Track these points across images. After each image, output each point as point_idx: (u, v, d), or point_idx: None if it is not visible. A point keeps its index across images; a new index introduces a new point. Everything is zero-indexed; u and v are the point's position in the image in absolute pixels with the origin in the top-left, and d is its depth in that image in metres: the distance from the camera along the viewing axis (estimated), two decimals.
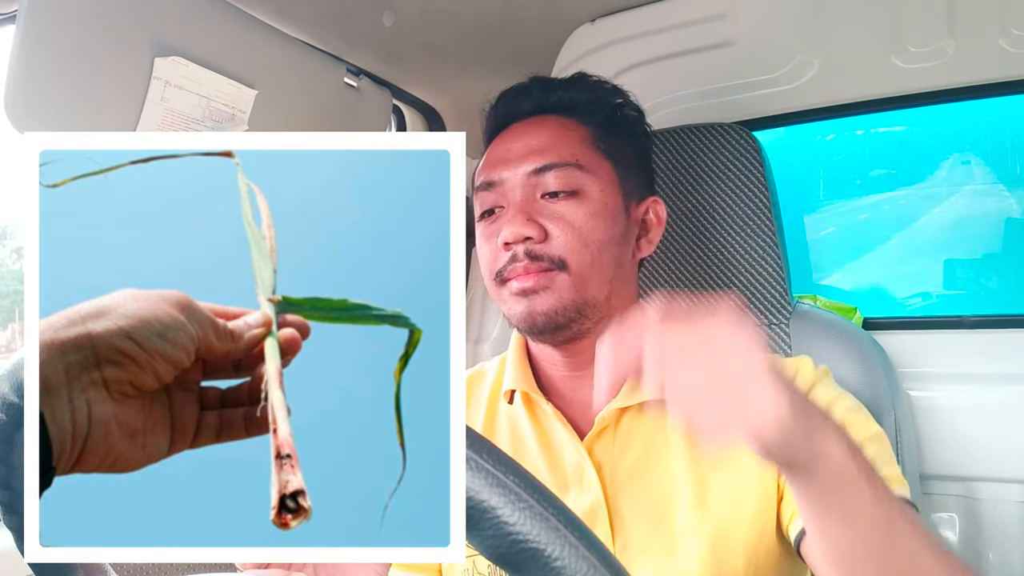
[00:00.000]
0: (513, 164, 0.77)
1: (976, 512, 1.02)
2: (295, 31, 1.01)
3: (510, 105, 0.83)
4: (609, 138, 0.80)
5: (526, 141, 0.78)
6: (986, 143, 1.30)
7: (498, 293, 0.78)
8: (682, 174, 1.02)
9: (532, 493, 0.32)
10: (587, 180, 0.76)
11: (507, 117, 0.83)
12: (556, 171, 0.76)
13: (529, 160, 0.77)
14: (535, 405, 0.81)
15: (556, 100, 0.81)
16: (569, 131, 0.79)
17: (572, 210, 0.75)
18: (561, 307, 0.74)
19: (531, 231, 0.73)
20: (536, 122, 0.80)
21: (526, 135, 0.79)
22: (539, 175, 0.76)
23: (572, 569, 0.31)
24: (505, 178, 0.77)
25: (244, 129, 0.92)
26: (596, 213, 0.76)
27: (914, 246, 1.37)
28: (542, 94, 0.82)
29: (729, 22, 1.12)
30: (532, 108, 0.82)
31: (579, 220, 0.75)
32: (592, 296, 0.75)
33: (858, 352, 0.93)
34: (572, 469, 0.77)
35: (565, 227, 0.74)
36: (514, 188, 0.77)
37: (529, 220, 0.74)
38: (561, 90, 0.82)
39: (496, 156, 0.80)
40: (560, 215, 0.75)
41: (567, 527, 0.31)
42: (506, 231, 0.74)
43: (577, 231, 0.74)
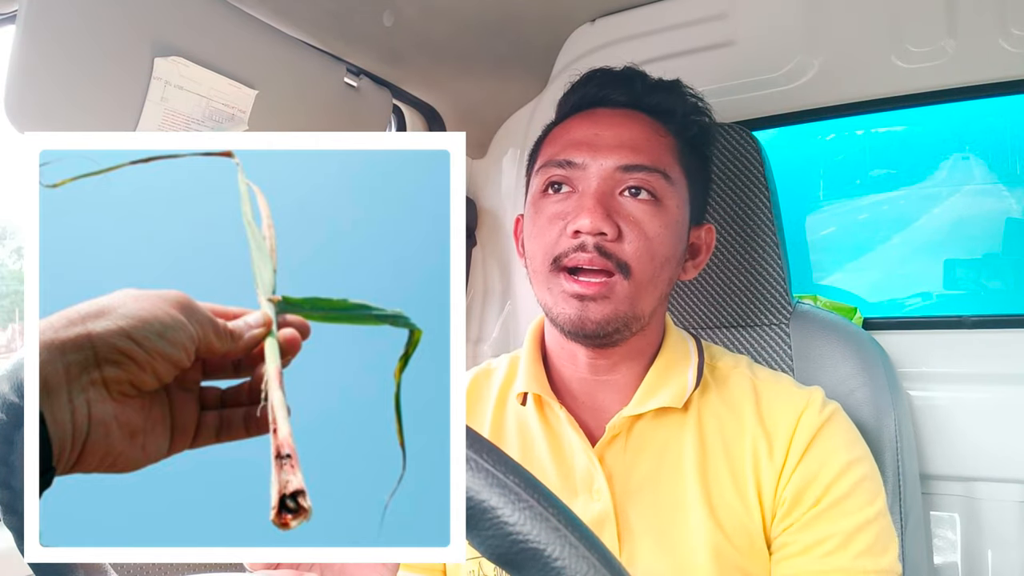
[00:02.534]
0: (602, 152, 0.74)
1: (976, 512, 1.02)
2: (295, 31, 1.01)
3: (603, 90, 0.80)
4: (692, 155, 0.79)
5: (618, 132, 0.75)
6: (986, 143, 1.30)
7: (548, 281, 0.74)
8: None
9: (532, 493, 0.32)
10: (669, 191, 0.75)
11: (597, 100, 0.80)
12: (645, 174, 0.73)
13: (619, 154, 0.74)
14: (547, 408, 0.80)
15: (655, 101, 0.79)
16: (660, 137, 0.77)
17: (649, 217, 0.73)
18: (615, 317, 0.72)
19: (608, 227, 0.71)
20: (630, 116, 0.77)
21: (619, 127, 0.76)
22: (626, 172, 0.74)
23: (572, 569, 0.31)
24: (587, 163, 0.74)
25: (244, 129, 0.92)
26: (669, 226, 0.74)
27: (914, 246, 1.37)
28: (643, 90, 0.79)
29: (729, 22, 1.12)
30: (628, 101, 0.79)
31: (653, 229, 0.73)
32: (643, 309, 0.74)
33: (858, 352, 0.93)
34: (582, 476, 0.76)
35: (639, 233, 0.72)
36: (595, 176, 0.74)
37: (608, 216, 0.71)
38: (662, 92, 0.80)
39: (581, 137, 0.76)
40: (637, 219, 0.73)
41: (567, 527, 0.31)
42: (584, 220, 0.71)
43: (649, 240, 0.73)
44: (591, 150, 0.74)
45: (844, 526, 0.70)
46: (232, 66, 0.88)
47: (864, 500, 0.71)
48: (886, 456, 0.89)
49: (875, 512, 0.71)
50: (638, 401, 0.76)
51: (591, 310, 0.71)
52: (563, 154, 0.75)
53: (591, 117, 0.78)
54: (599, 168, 0.74)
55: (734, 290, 1.00)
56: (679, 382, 0.77)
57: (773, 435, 0.74)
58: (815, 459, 0.72)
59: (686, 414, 0.76)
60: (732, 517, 0.72)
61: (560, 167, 0.75)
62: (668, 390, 0.76)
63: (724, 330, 1.01)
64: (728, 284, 1.00)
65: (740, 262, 0.99)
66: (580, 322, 0.72)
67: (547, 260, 0.74)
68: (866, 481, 0.72)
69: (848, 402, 0.89)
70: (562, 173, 0.75)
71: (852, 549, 0.69)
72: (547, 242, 0.74)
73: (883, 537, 0.71)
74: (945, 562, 1.04)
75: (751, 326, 0.99)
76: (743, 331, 1.00)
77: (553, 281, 0.73)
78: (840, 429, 0.75)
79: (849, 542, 0.69)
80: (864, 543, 0.69)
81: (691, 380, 0.77)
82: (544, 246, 0.74)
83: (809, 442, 0.73)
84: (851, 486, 0.71)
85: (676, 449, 0.75)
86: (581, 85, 0.82)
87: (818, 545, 0.70)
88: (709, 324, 1.02)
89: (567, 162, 0.75)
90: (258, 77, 0.92)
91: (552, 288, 0.74)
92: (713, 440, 0.75)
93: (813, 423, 0.74)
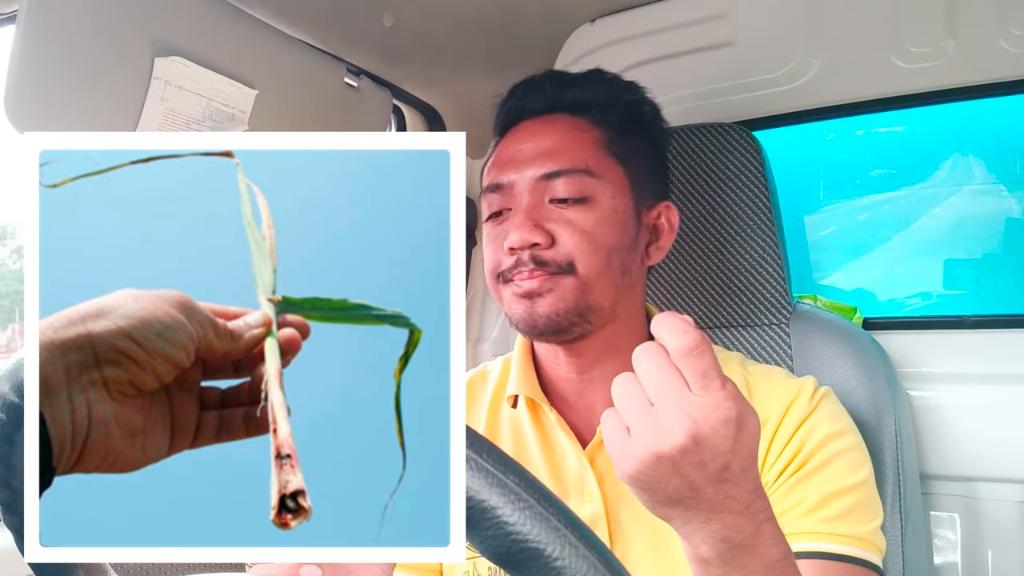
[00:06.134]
0: (522, 167, 0.75)
1: (976, 512, 1.02)
2: (295, 31, 1.01)
3: (522, 101, 0.81)
4: (623, 139, 0.78)
5: (537, 143, 0.76)
6: (986, 143, 1.30)
7: (499, 292, 0.77)
8: (682, 174, 1.02)
9: (532, 493, 0.32)
10: (597, 186, 0.75)
11: (519, 113, 0.81)
12: (565, 178, 0.74)
13: (538, 164, 0.75)
14: (539, 410, 0.80)
15: (570, 98, 0.79)
16: (581, 133, 0.77)
17: (581, 217, 0.73)
18: (564, 310, 0.72)
19: (538, 237, 0.72)
20: (548, 122, 0.78)
21: (537, 136, 0.77)
22: (548, 180, 0.74)
23: (572, 569, 0.31)
24: (513, 181, 0.76)
25: (244, 129, 0.92)
26: (605, 219, 0.74)
27: (914, 246, 1.37)
28: (555, 91, 0.79)
29: (729, 22, 1.12)
30: (545, 106, 0.79)
31: (588, 226, 0.73)
32: (596, 301, 0.74)
33: (858, 352, 0.93)
34: (573, 478, 0.77)
35: (573, 232, 0.73)
36: (522, 192, 0.75)
37: (536, 226, 0.73)
38: (576, 87, 0.79)
39: (505, 156, 0.78)
40: (568, 221, 0.73)
41: (567, 527, 0.31)
42: (513, 236, 0.72)
43: (586, 236, 0.73)
44: (515, 166, 0.76)
45: (819, 492, 0.69)
46: (232, 66, 0.88)
47: (844, 470, 0.71)
48: (886, 456, 0.89)
49: (855, 482, 0.71)
50: None
51: (538, 305, 0.73)
52: (493, 178, 0.78)
53: (516, 132, 0.80)
54: (525, 183, 0.75)
55: (734, 290, 1.00)
56: None
57: (763, 423, 0.73)
58: (799, 437, 0.73)
59: None
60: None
61: (493, 191, 0.78)
62: None
63: (724, 330, 1.01)
64: (728, 284, 1.00)
65: (740, 262, 0.99)
66: (530, 318, 0.73)
67: (492, 277, 0.77)
68: (848, 452, 0.72)
69: (848, 402, 0.89)
70: (496, 197, 0.77)
71: (826, 512, 0.68)
72: (492, 262, 0.77)
73: (865, 507, 0.70)
74: (945, 562, 1.04)
75: (751, 326, 0.99)
76: (743, 331, 1.00)
77: (502, 290, 0.76)
78: (827, 408, 0.75)
79: (824, 505, 0.69)
80: (839, 508, 0.69)
81: None
82: (490, 266, 0.77)
83: (798, 425, 0.73)
84: (830, 455, 0.71)
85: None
86: (503, 102, 0.83)
87: (793, 508, 0.69)
88: (709, 324, 1.02)
89: (496, 186, 0.77)
90: (258, 77, 0.92)
91: (504, 297, 0.76)
92: None
93: (803, 409, 0.74)
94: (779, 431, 0.73)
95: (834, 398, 0.77)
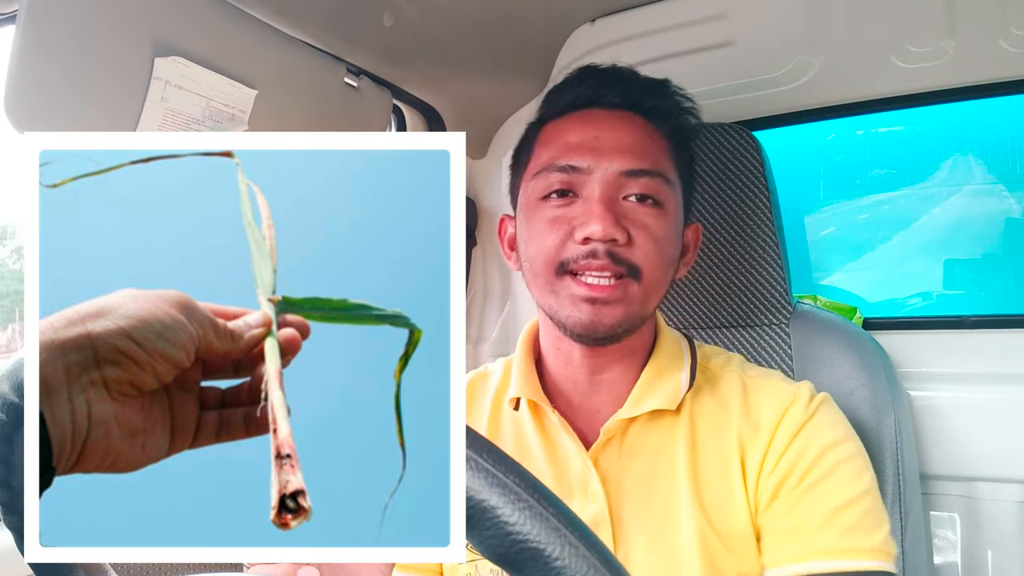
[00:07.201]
0: (604, 157, 0.73)
1: (976, 512, 1.02)
2: (295, 31, 1.01)
3: (600, 89, 0.78)
4: (682, 156, 0.79)
5: (617, 136, 0.74)
6: (986, 143, 1.30)
7: (553, 285, 0.73)
8: None
9: (532, 493, 0.32)
10: (670, 194, 0.75)
11: (591, 101, 0.78)
12: (647, 179, 0.73)
13: (622, 159, 0.73)
14: (542, 413, 0.80)
15: (651, 104, 0.78)
16: (655, 139, 0.76)
17: (655, 221, 0.73)
18: (628, 319, 0.72)
19: (619, 233, 0.71)
20: (625, 118, 0.76)
21: (618, 129, 0.75)
22: (630, 178, 0.73)
23: (572, 569, 0.31)
24: (592, 167, 0.73)
25: (244, 129, 0.92)
26: (671, 229, 0.75)
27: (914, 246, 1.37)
28: (637, 91, 0.78)
29: (729, 22, 1.12)
30: (623, 102, 0.78)
31: (660, 233, 0.73)
32: (649, 311, 0.75)
33: (858, 352, 0.93)
34: (577, 479, 0.76)
35: (648, 237, 0.72)
36: (599, 181, 0.73)
37: (618, 222, 0.71)
38: (656, 94, 0.79)
39: (581, 140, 0.75)
40: (645, 224, 0.73)
41: (567, 527, 0.31)
42: (595, 227, 0.70)
43: (657, 244, 0.73)
44: (593, 154, 0.73)
45: (828, 505, 0.68)
46: (232, 66, 0.88)
47: (848, 479, 0.70)
48: (886, 456, 0.89)
49: (861, 490, 0.70)
50: (632, 404, 0.76)
51: (604, 314, 0.71)
52: (564, 158, 0.74)
53: (588, 118, 0.77)
54: (603, 173, 0.73)
55: (734, 290, 1.00)
56: (672, 384, 0.77)
57: (758, 428, 0.74)
58: (797, 445, 0.72)
59: (679, 416, 0.76)
60: (724, 518, 0.72)
61: (563, 172, 0.74)
62: (661, 392, 0.76)
63: (724, 330, 1.01)
64: (728, 284, 1.00)
65: (740, 262, 0.99)
66: (592, 325, 0.71)
67: (550, 264, 0.73)
68: (849, 460, 0.71)
69: (848, 402, 0.89)
70: (565, 178, 0.74)
71: (837, 527, 0.68)
72: (549, 246, 0.73)
73: (872, 515, 0.69)
74: (945, 562, 1.04)
75: (751, 326, 0.99)
76: (743, 331, 1.00)
77: (559, 285, 0.73)
78: (825, 416, 0.74)
79: (832, 520, 0.68)
80: (849, 521, 0.68)
81: (684, 382, 0.77)
82: (546, 250, 0.73)
83: (795, 433, 0.72)
84: (832, 465, 0.70)
85: (669, 452, 0.75)
86: (575, 84, 0.80)
87: (802, 528, 0.69)
88: (709, 324, 1.02)
89: (570, 167, 0.74)
90: (258, 77, 0.92)
91: (559, 292, 0.73)
92: (705, 441, 0.75)
93: (799, 416, 0.73)
94: (775, 439, 0.73)
95: (832, 404, 0.76)
